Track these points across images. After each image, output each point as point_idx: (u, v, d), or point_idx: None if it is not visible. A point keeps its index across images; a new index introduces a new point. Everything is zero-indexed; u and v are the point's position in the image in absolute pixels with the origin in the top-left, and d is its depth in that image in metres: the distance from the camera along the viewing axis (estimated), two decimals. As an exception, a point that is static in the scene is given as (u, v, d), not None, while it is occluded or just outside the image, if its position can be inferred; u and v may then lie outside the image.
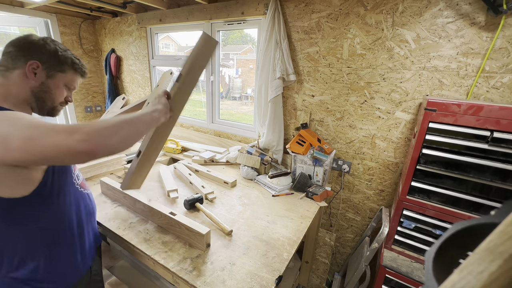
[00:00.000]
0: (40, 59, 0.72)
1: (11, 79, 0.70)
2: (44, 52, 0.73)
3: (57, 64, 0.75)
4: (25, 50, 0.71)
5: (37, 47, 0.73)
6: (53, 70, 0.75)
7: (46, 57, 0.73)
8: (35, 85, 0.73)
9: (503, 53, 1.08)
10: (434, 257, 0.22)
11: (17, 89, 0.71)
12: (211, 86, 2.18)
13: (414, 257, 1.18)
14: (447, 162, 1.01)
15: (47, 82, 0.75)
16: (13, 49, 0.71)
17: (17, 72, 0.71)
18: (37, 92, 0.74)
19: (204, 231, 0.94)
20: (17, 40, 0.72)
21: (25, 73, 0.71)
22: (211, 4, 1.84)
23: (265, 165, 1.64)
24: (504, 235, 0.17)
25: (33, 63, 0.71)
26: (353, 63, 1.44)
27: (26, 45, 0.72)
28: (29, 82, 0.72)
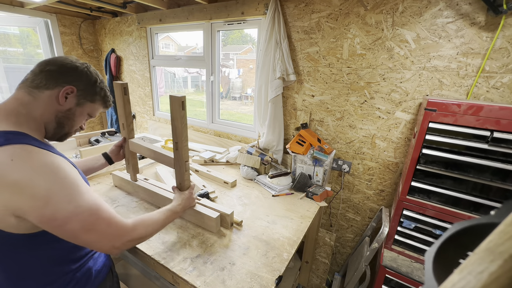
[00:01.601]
0: (77, 85, 0.70)
1: (40, 99, 0.65)
2: (84, 80, 0.71)
3: (90, 94, 0.74)
4: (66, 72, 0.68)
5: (78, 73, 0.70)
6: (85, 99, 0.73)
7: (83, 84, 0.71)
8: (61, 110, 0.69)
9: (503, 53, 1.08)
10: (434, 257, 0.22)
11: (41, 111, 0.66)
12: (211, 86, 2.18)
13: (414, 257, 1.18)
14: (447, 162, 1.01)
15: (74, 109, 0.72)
16: (54, 68, 0.67)
17: (48, 93, 0.66)
18: (60, 117, 0.70)
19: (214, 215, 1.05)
20: (60, 61, 0.69)
21: (57, 96, 0.67)
22: (211, 4, 1.84)
23: (265, 165, 1.64)
24: (504, 235, 0.17)
25: (68, 89, 0.68)
26: (353, 63, 1.44)
27: (68, 68, 0.69)
28: (57, 106, 0.68)
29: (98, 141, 1.90)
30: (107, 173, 1.52)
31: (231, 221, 1.10)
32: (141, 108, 2.80)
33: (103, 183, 1.42)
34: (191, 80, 11.63)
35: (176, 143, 0.98)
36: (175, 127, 0.96)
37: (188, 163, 1.02)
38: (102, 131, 2.06)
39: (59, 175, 0.58)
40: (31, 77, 0.66)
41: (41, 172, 0.55)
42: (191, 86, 11.73)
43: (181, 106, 0.93)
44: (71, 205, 0.57)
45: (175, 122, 0.96)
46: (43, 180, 0.55)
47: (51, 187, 0.55)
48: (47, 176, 0.56)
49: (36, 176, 0.54)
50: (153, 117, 2.71)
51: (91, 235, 0.61)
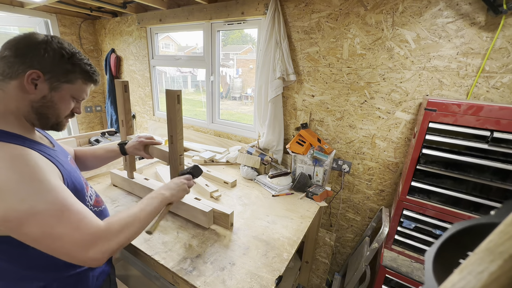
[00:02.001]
0: (42, 67, 0.59)
1: (8, 91, 0.58)
2: (46, 58, 0.59)
3: (62, 73, 0.62)
4: (23, 55, 0.57)
5: (38, 52, 0.58)
6: (58, 81, 0.62)
7: (49, 64, 0.60)
8: (35, 99, 0.60)
9: (503, 53, 1.08)
10: (434, 257, 0.22)
11: (15, 104, 0.59)
12: (211, 86, 2.18)
13: (414, 257, 1.18)
14: (447, 162, 1.01)
15: (51, 95, 0.62)
16: (9, 53, 0.57)
17: (14, 83, 0.58)
18: (38, 107, 0.61)
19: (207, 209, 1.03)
20: (14, 42, 0.58)
21: (24, 85, 0.58)
22: (211, 4, 1.84)
23: (265, 165, 1.64)
24: (504, 235, 0.17)
25: (32, 74, 0.57)
26: (353, 63, 1.44)
27: (25, 48, 0.58)
28: (28, 96, 0.59)
29: (98, 141, 1.90)
30: (107, 173, 1.51)
31: (231, 221, 1.10)
32: (141, 108, 2.80)
33: (103, 183, 1.42)
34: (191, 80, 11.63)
35: (171, 136, 0.99)
36: (170, 120, 0.97)
37: (182, 157, 1.03)
38: (102, 131, 2.06)
39: (18, 169, 0.51)
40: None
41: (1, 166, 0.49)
42: (191, 86, 11.74)
43: (176, 99, 0.93)
44: (25, 204, 0.49)
45: (171, 115, 0.96)
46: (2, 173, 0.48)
47: (5, 182, 0.49)
48: (1, 171, 0.49)
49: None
50: (153, 117, 2.71)
51: (56, 242, 0.51)
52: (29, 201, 0.50)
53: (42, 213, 0.51)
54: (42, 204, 0.51)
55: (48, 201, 0.52)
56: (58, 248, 0.53)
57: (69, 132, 2.91)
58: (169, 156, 1.03)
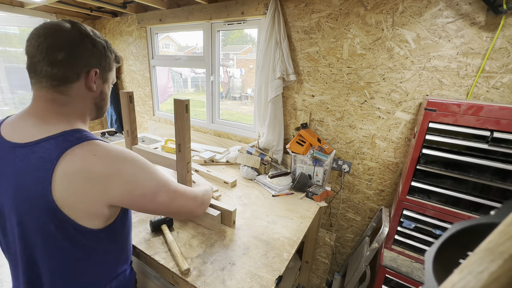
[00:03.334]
0: (95, 64, 0.60)
1: (73, 95, 0.58)
2: (96, 53, 0.60)
3: (108, 63, 0.64)
4: (78, 55, 0.57)
5: (87, 48, 0.58)
6: (106, 73, 0.64)
7: (98, 59, 0.61)
8: (96, 96, 0.63)
9: (503, 53, 1.08)
10: (434, 257, 0.22)
11: (81, 107, 0.60)
12: (211, 86, 2.18)
13: (414, 257, 1.18)
14: (447, 162, 1.01)
15: (104, 87, 0.65)
16: (64, 55, 0.54)
17: (77, 85, 0.58)
18: (98, 102, 0.65)
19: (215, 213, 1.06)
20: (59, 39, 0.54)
21: (87, 86, 0.59)
22: (211, 4, 1.84)
23: (265, 165, 1.64)
24: (504, 235, 0.17)
25: (92, 72, 0.59)
26: (353, 63, 1.44)
27: (73, 46, 0.56)
28: (91, 94, 0.62)
29: (98, 141, 1.90)
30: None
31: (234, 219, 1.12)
32: (141, 108, 2.80)
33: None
34: (191, 80, 11.64)
35: (179, 145, 1.00)
36: (179, 129, 0.98)
37: (190, 164, 1.04)
38: (102, 131, 2.06)
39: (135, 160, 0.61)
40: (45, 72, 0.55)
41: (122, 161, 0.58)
42: (191, 86, 11.74)
43: (184, 109, 0.95)
44: (154, 182, 0.64)
45: (179, 125, 0.98)
46: (126, 167, 0.58)
47: (135, 171, 0.60)
48: (128, 163, 0.59)
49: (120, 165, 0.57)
50: (153, 117, 2.71)
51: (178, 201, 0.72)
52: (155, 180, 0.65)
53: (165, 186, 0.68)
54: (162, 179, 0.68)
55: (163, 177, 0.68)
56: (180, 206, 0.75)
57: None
58: (177, 164, 1.05)
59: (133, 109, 1.20)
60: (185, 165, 1.02)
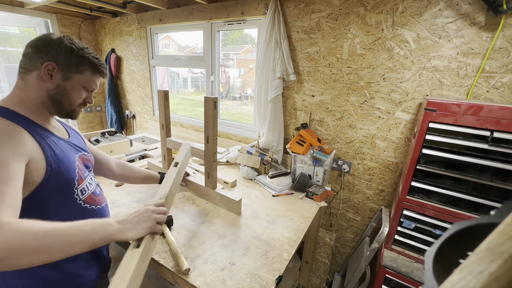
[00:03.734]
0: (56, 60, 0.69)
1: (29, 81, 0.69)
2: (60, 52, 0.70)
3: (73, 65, 0.72)
4: (41, 51, 0.68)
5: (53, 47, 0.69)
6: (69, 72, 0.72)
7: (62, 58, 0.70)
8: (51, 87, 0.70)
9: (503, 53, 1.08)
10: (434, 257, 0.22)
11: (33, 93, 0.69)
12: (211, 86, 2.18)
13: (414, 257, 1.18)
14: (447, 162, 1.01)
15: (64, 84, 0.72)
16: (31, 50, 0.69)
17: (34, 74, 0.69)
18: (53, 95, 0.71)
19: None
20: (35, 40, 0.70)
21: (41, 76, 0.68)
22: (211, 4, 1.84)
23: (265, 165, 1.64)
24: (504, 235, 0.17)
25: (48, 65, 0.68)
26: (353, 63, 1.44)
27: (42, 45, 0.69)
28: (45, 84, 0.69)
29: (98, 141, 1.90)
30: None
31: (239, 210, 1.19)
32: (141, 108, 2.80)
33: (102, 183, 1.42)
34: (191, 80, 11.64)
35: (207, 137, 1.17)
36: (208, 123, 1.14)
37: (216, 154, 1.20)
38: (102, 131, 2.06)
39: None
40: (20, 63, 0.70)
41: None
42: (191, 86, 11.74)
43: (213, 105, 1.10)
44: None
45: (208, 119, 1.13)
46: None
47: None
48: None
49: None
50: (153, 117, 2.71)
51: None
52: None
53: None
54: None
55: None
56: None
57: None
58: (205, 154, 1.21)
59: (168, 106, 1.34)
60: (212, 154, 1.18)
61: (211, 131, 1.14)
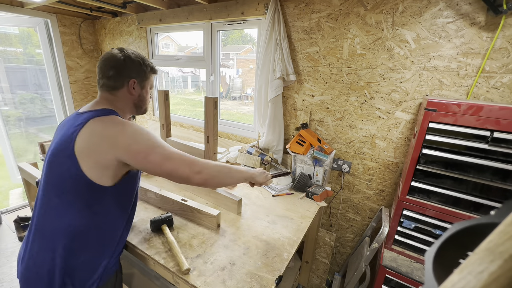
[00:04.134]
0: (134, 76, 0.87)
1: (118, 96, 0.86)
2: (135, 68, 0.87)
3: (144, 75, 0.90)
4: (122, 71, 0.85)
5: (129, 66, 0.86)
6: (143, 81, 0.90)
7: (137, 72, 0.87)
8: (135, 98, 0.90)
9: (503, 53, 1.08)
10: (434, 257, 0.22)
11: (123, 104, 0.88)
12: (211, 86, 2.18)
13: (414, 257, 1.18)
14: (447, 162, 1.01)
15: (142, 92, 0.91)
16: (113, 72, 0.84)
17: (122, 91, 0.86)
18: (136, 103, 0.91)
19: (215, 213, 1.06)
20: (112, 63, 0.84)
21: (129, 91, 0.87)
22: (211, 4, 1.84)
23: (265, 165, 1.64)
24: (504, 235, 0.17)
25: (131, 82, 0.86)
26: (353, 63, 1.44)
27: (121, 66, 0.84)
28: (131, 97, 0.88)
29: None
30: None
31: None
32: (141, 108, 2.79)
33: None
34: (191, 80, 11.63)
35: (207, 137, 1.18)
36: (208, 123, 1.16)
37: (216, 155, 1.22)
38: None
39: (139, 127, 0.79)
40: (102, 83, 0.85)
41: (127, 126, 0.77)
42: (191, 86, 11.73)
43: (213, 105, 1.13)
44: (150, 141, 0.77)
45: (208, 119, 1.15)
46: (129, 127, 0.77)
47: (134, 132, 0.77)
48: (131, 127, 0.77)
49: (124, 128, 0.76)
50: (153, 117, 2.71)
51: (171, 163, 0.77)
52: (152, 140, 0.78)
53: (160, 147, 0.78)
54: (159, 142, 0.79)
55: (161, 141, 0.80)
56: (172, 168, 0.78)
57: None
58: (205, 154, 1.23)
59: (168, 106, 1.38)
60: (212, 154, 1.19)
61: (212, 131, 1.17)
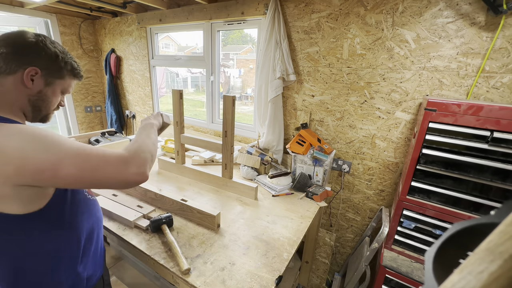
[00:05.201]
0: (38, 64, 0.65)
1: (5, 85, 0.63)
2: (43, 57, 0.66)
3: (56, 70, 0.69)
4: (20, 53, 0.63)
5: (35, 51, 0.65)
6: (52, 77, 0.68)
7: (44, 62, 0.66)
8: (31, 93, 0.66)
9: (503, 53, 1.08)
10: (434, 257, 0.22)
11: (12, 97, 0.64)
12: (211, 86, 2.18)
13: (414, 257, 1.18)
14: (447, 162, 1.01)
15: (45, 90, 0.68)
16: (6, 50, 0.61)
17: (12, 78, 0.62)
18: (34, 100, 0.67)
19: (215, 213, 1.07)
20: (11, 40, 0.63)
21: (22, 81, 0.63)
22: (211, 4, 1.84)
23: (265, 165, 1.64)
24: (504, 235, 0.17)
25: (31, 70, 0.63)
26: (353, 63, 1.44)
27: (22, 47, 0.63)
28: (26, 90, 0.65)
29: (98, 141, 1.90)
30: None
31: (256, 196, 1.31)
32: (141, 108, 2.80)
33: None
34: (191, 80, 11.63)
35: (225, 132, 1.28)
36: (226, 119, 1.25)
37: (233, 147, 1.32)
38: (102, 131, 2.06)
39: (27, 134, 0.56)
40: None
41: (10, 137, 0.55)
42: (191, 86, 11.73)
43: (231, 102, 1.22)
44: (50, 153, 0.55)
45: (226, 116, 1.24)
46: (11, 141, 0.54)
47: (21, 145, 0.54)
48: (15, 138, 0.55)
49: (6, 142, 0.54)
50: (153, 117, 2.71)
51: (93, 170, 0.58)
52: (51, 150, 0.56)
53: (68, 155, 0.57)
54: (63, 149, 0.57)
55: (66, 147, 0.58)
56: (100, 177, 0.59)
57: (69, 132, 2.91)
58: (223, 147, 1.32)
59: (182, 104, 1.44)
60: (229, 147, 1.30)
61: (230, 126, 1.25)
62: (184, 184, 1.49)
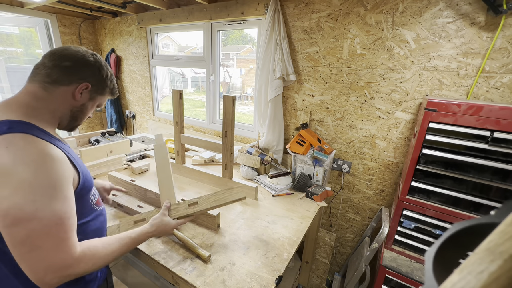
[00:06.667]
0: (91, 81, 0.71)
1: (54, 94, 0.66)
2: (97, 75, 0.73)
3: (102, 88, 0.75)
4: (81, 68, 0.69)
5: (93, 69, 0.71)
6: (96, 93, 0.75)
7: (96, 80, 0.73)
8: (76, 105, 0.71)
9: (503, 53, 1.08)
10: (434, 257, 0.22)
11: (56, 106, 0.67)
12: (211, 86, 2.18)
13: (414, 257, 1.18)
14: (447, 162, 1.01)
15: (87, 103, 0.74)
16: (69, 64, 0.67)
17: (64, 88, 0.67)
18: (75, 111, 0.73)
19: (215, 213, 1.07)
20: (72, 56, 0.68)
21: (73, 93, 0.68)
22: (211, 4, 1.84)
23: (265, 165, 1.64)
24: (504, 235, 0.17)
25: (84, 85, 0.69)
26: (353, 63, 1.44)
27: (82, 64, 0.69)
28: (72, 101, 0.70)
29: (98, 141, 1.90)
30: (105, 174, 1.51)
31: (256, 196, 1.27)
32: (141, 108, 2.80)
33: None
34: (191, 80, 11.63)
35: (225, 132, 1.28)
36: (226, 119, 1.25)
37: (233, 147, 1.32)
38: (102, 131, 2.06)
39: (41, 171, 0.54)
40: (44, 72, 0.65)
41: (26, 163, 0.53)
42: (191, 86, 11.73)
43: (231, 103, 1.22)
44: (33, 206, 0.52)
45: (227, 116, 1.24)
46: (22, 171, 0.52)
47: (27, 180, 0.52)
48: (27, 168, 0.53)
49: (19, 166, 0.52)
50: (153, 117, 2.71)
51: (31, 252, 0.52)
52: (38, 204, 0.53)
53: (40, 220, 0.53)
54: (46, 212, 0.54)
55: (51, 210, 0.54)
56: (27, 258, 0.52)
57: (69, 132, 2.91)
58: (222, 147, 1.32)
59: (182, 104, 1.45)
60: (229, 147, 1.30)
61: (230, 126, 1.25)
62: (184, 184, 1.49)
